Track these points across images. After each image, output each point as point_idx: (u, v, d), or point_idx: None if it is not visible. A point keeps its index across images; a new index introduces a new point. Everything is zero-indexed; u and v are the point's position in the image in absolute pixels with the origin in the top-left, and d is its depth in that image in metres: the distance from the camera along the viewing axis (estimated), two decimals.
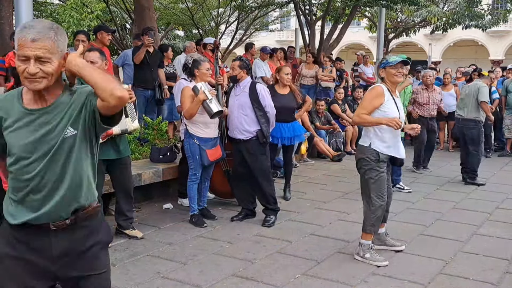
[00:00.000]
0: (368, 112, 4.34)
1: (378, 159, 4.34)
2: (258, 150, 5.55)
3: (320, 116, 10.11)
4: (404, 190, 7.07)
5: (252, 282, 3.97)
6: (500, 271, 4.27)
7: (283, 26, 35.23)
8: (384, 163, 4.39)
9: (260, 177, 5.56)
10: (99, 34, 7.00)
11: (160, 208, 6.10)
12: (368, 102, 4.38)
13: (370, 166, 4.35)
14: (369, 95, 4.44)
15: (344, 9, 14.73)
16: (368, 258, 4.38)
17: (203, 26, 18.22)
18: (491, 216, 5.97)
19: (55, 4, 15.74)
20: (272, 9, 17.81)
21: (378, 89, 4.38)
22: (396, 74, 4.35)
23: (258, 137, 5.51)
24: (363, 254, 4.41)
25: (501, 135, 10.83)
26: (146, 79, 7.54)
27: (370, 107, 4.34)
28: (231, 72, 5.71)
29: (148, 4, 9.48)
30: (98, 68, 2.15)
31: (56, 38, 2.06)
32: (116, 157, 4.73)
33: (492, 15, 19.06)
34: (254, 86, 5.55)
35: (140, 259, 4.46)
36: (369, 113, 4.34)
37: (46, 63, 2.04)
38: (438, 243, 4.96)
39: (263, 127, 5.49)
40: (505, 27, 27.11)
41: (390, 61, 4.37)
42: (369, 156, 4.35)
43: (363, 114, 4.34)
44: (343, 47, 33.72)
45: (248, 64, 5.74)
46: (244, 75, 5.63)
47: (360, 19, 22.68)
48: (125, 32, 15.57)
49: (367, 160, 4.37)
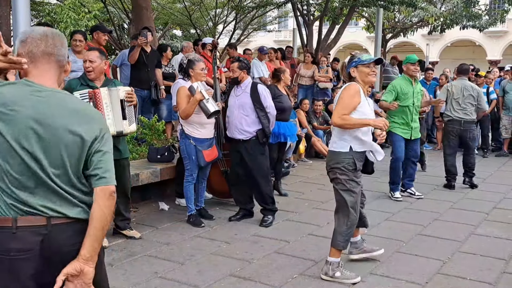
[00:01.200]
0: (349, 112, 3.90)
1: (355, 168, 3.95)
2: (258, 150, 5.55)
3: (317, 116, 10.12)
4: (415, 195, 6.81)
5: (250, 282, 3.96)
6: (497, 271, 4.27)
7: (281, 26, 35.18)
8: (360, 172, 4.03)
9: (258, 177, 5.56)
10: (95, 34, 6.99)
11: (158, 208, 6.09)
12: (348, 101, 3.92)
13: (348, 177, 3.96)
14: (346, 93, 3.96)
15: (341, 9, 14.77)
16: (338, 277, 3.99)
17: (201, 26, 18.23)
18: (488, 216, 5.98)
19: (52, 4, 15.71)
20: (269, 9, 17.82)
21: (355, 87, 3.97)
22: (369, 73, 4.01)
23: (258, 137, 5.51)
24: (333, 274, 3.99)
25: (498, 135, 10.86)
26: (141, 79, 7.51)
27: (350, 107, 3.91)
28: (231, 74, 5.70)
29: (146, 4, 9.48)
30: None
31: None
32: (115, 158, 4.71)
33: (489, 15, 19.10)
34: (256, 87, 5.55)
35: (138, 259, 4.45)
36: (349, 113, 3.91)
37: None
38: (435, 243, 4.96)
39: (266, 127, 5.51)
40: (502, 27, 27.24)
41: (363, 59, 4.01)
42: (346, 166, 3.93)
43: (345, 115, 3.88)
44: (340, 47, 33.73)
45: (247, 64, 5.70)
46: (245, 75, 5.61)
47: (358, 19, 22.74)
48: (123, 32, 15.56)
49: (343, 169, 3.95)
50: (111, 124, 4.47)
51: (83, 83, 4.59)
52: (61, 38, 2.12)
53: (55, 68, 2.10)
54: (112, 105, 4.56)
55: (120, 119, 4.59)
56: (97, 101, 4.47)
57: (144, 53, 7.50)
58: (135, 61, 7.43)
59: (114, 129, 4.52)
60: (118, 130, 4.57)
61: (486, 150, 10.55)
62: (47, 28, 2.13)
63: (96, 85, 4.58)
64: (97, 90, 4.49)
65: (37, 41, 2.05)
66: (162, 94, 7.73)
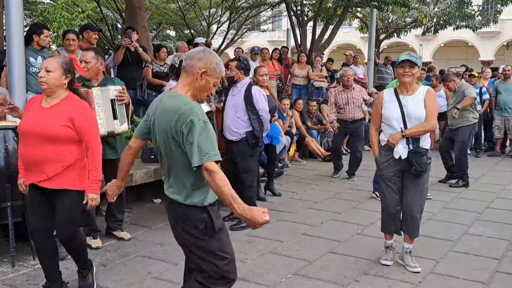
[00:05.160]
0: (377, 125, 4.37)
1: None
2: (247, 152, 5.50)
3: (311, 116, 10.13)
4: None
5: (244, 282, 3.96)
6: (490, 270, 4.29)
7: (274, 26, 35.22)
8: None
9: (245, 179, 5.48)
10: (85, 34, 6.94)
11: (152, 209, 6.08)
12: (374, 114, 4.43)
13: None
14: (374, 105, 4.49)
15: (335, 9, 14.78)
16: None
17: (194, 26, 18.19)
18: (481, 215, 6.01)
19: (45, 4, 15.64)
20: (263, 9, 17.80)
21: (380, 95, 4.38)
22: (402, 74, 4.12)
23: (247, 138, 5.44)
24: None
25: (491, 135, 10.91)
26: (127, 79, 7.46)
27: (377, 120, 4.36)
28: (229, 73, 5.67)
29: (140, 4, 9.43)
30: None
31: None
32: (113, 157, 4.71)
33: (482, 16, 19.19)
34: (250, 89, 5.46)
35: (131, 259, 4.44)
36: (378, 125, 4.36)
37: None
38: (428, 242, 4.98)
39: (256, 131, 5.41)
40: (495, 28, 27.32)
41: (398, 60, 4.19)
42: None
43: (373, 132, 4.39)
44: (334, 47, 33.78)
45: (246, 65, 5.61)
46: (242, 76, 5.54)
47: (352, 20, 22.77)
48: (116, 31, 15.50)
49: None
50: (102, 124, 4.47)
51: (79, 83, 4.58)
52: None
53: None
54: (103, 105, 4.55)
55: (111, 119, 4.58)
56: (89, 101, 4.46)
57: (129, 53, 7.48)
58: (119, 62, 7.44)
59: (104, 129, 4.51)
60: (109, 130, 4.56)
61: (479, 150, 10.61)
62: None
63: (92, 85, 4.58)
64: (90, 90, 4.48)
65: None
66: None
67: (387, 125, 4.28)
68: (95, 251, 4.60)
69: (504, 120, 10.32)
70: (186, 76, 2.68)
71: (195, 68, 2.64)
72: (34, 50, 5.69)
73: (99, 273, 4.08)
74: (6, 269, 4.10)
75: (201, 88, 2.67)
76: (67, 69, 3.41)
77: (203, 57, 2.66)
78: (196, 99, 2.69)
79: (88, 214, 4.70)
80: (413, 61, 4.11)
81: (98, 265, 4.25)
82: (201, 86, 2.67)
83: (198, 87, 2.67)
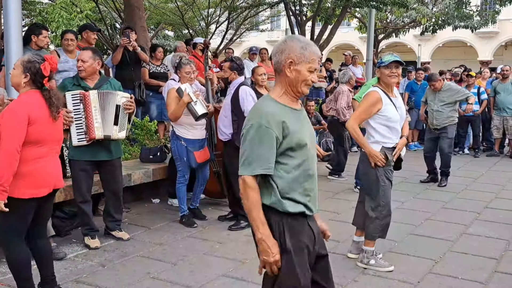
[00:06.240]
0: (361, 121, 4.18)
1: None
2: (234, 153, 5.44)
3: (310, 116, 10.12)
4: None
5: (242, 282, 3.96)
6: (488, 270, 4.30)
7: (273, 26, 35.21)
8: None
9: (233, 182, 5.36)
10: (84, 34, 6.93)
11: (150, 209, 6.07)
12: (363, 110, 4.15)
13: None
14: (365, 102, 4.17)
15: (334, 9, 14.77)
16: (373, 264, 4.27)
17: (193, 26, 18.19)
18: (480, 215, 6.01)
19: (44, 3, 15.63)
20: (262, 9, 17.81)
21: (375, 94, 4.12)
22: (389, 74, 4.10)
23: (234, 140, 5.26)
24: (368, 261, 4.28)
25: (489, 135, 10.92)
26: (125, 79, 7.45)
27: (364, 116, 4.15)
28: (223, 74, 5.67)
29: (138, 4, 9.44)
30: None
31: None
32: (106, 158, 4.70)
33: (481, 16, 19.21)
34: (238, 89, 5.31)
35: (130, 259, 4.44)
36: (362, 121, 4.19)
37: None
38: (427, 242, 4.99)
39: (234, 134, 5.22)
40: (493, 28, 27.36)
41: (383, 60, 4.13)
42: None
43: (356, 126, 4.16)
44: (333, 47, 33.76)
45: (239, 65, 5.55)
46: (235, 76, 5.49)
47: (350, 20, 22.79)
48: (115, 31, 15.49)
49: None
50: (98, 128, 4.46)
51: (75, 83, 4.59)
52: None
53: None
54: (104, 108, 4.54)
55: (111, 124, 4.57)
56: (86, 103, 4.47)
57: (127, 52, 7.47)
58: (118, 62, 7.43)
59: (101, 133, 4.50)
60: (106, 134, 4.55)
61: (477, 150, 10.62)
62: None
63: (88, 85, 4.58)
64: (87, 93, 4.48)
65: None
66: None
67: (385, 126, 4.15)
68: (93, 251, 4.60)
69: (502, 120, 10.32)
70: (278, 75, 2.47)
71: (280, 63, 2.41)
72: (32, 50, 5.68)
73: (98, 273, 4.08)
74: (5, 269, 4.10)
75: (294, 81, 2.42)
76: (27, 68, 3.30)
77: (285, 47, 2.42)
78: (294, 96, 2.46)
79: (86, 214, 4.70)
80: (401, 61, 4.12)
81: (96, 265, 4.25)
82: (293, 79, 2.41)
83: (290, 82, 2.42)
